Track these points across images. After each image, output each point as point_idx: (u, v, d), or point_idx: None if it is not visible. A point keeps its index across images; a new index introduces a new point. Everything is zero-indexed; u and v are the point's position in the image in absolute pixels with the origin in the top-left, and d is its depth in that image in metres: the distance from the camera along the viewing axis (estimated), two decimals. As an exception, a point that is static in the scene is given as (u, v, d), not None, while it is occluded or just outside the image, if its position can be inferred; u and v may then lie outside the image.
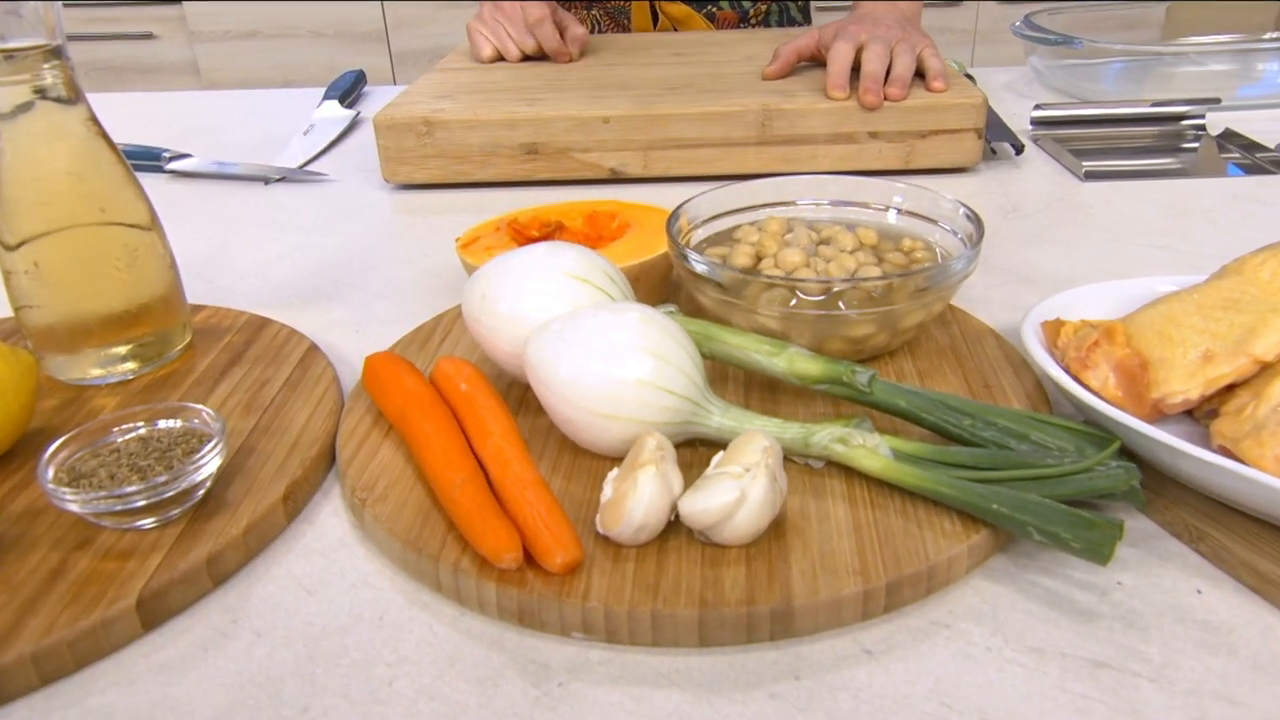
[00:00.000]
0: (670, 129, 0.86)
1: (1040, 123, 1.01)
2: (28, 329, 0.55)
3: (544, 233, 0.65)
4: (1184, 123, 0.99)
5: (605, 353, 0.45)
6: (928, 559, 0.40)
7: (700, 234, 0.61)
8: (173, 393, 0.55)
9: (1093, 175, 0.88)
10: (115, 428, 0.47)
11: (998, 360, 0.55)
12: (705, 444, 0.48)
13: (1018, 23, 1.17)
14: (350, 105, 1.16)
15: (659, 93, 0.91)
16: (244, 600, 0.42)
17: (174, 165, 0.96)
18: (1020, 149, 0.93)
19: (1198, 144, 0.96)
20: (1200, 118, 0.99)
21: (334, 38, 2.53)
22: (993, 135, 0.93)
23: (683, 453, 0.46)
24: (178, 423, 0.47)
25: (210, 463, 0.44)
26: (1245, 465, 0.40)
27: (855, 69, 0.90)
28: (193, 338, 0.60)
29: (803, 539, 0.41)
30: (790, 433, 0.45)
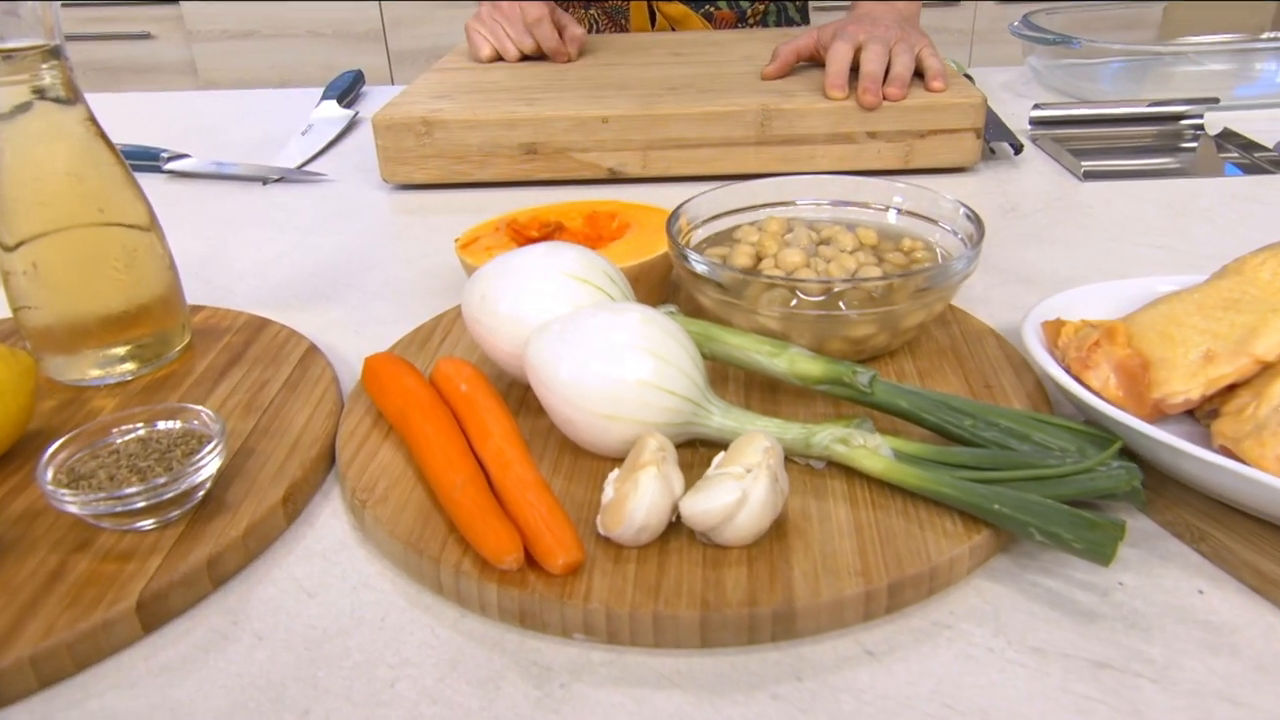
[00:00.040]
0: (669, 129, 0.86)
1: (1039, 122, 1.01)
2: (26, 330, 0.55)
3: (543, 233, 0.65)
4: (1182, 122, 0.99)
5: (606, 353, 0.45)
6: (929, 559, 0.40)
7: (700, 234, 0.61)
8: (172, 394, 0.55)
9: (1091, 175, 0.88)
10: (114, 429, 0.47)
11: (998, 360, 0.55)
12: (706, 445, 0.47)
13: (1016, 23, 1.17)
14: (348, 105, 1.15)
15: (658, 92, 0.91)
16: (244, 602, 0.42)
17: (172, 165, 0.96)
18: (1019, 149, 0.93)
19: (1196, 144, 0.96)
20: (1199, 117, 0.99)
21: (331, 37, 2.53)
22: (991, 135, 0.93)
23: (683, 453, 0.46)
24: (177, 424, 0.47)
25: (210, 464, 0.44)
26: (1246, 465, 0.40)
27: (854, 69, 0.90)
28: (192, 338, 0.60)
29: (804, 540, 0.41)
30: (791, 433, 0.45)
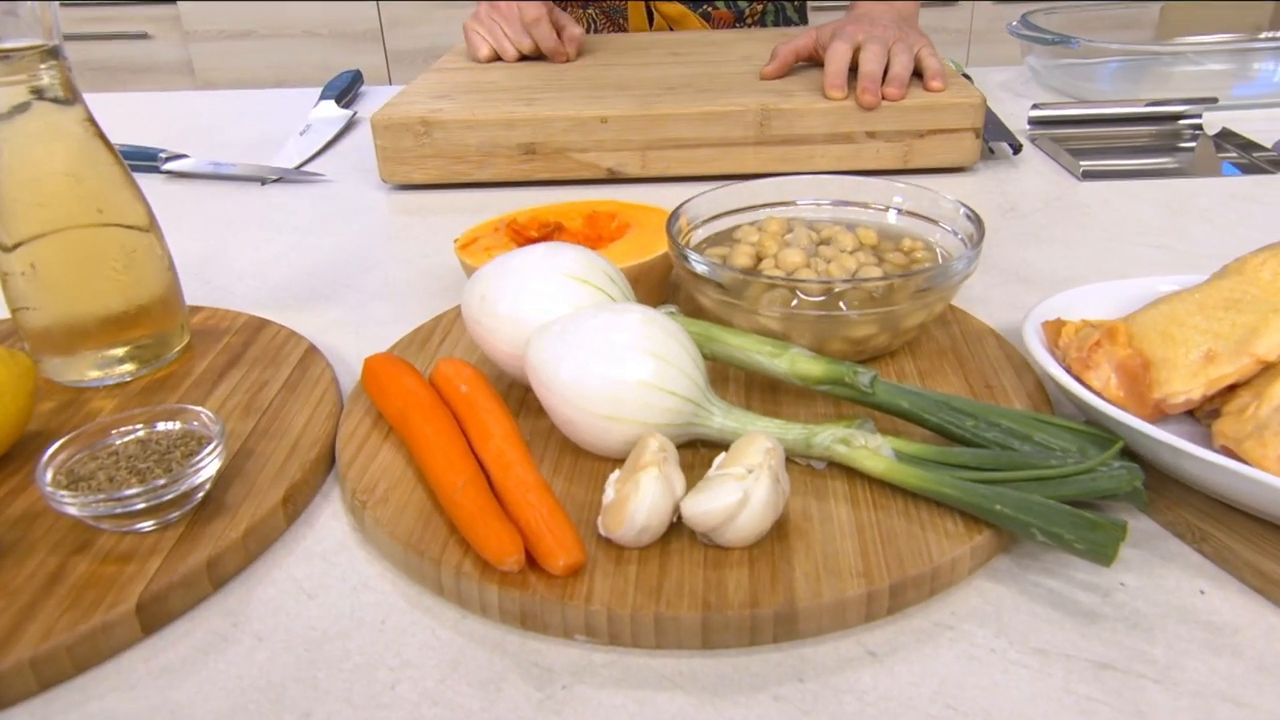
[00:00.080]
0: (668, 129, 0.86)
1: (1037, 122, 1.01)
2: (25, 331, 0.55)
3: (543, 233, 0.65)
4: (1181, 122, 0.99)
5: (606, 354, 0.45)
6: (931, 560, 0.40)
7: (700, 234, 0.61)
8: (171, 394, 0.55)
9: (1090, 175, 0.88)
10: (114, 430, 0.46)
11: (998, 360, 0.55)
12: (707, 445, 0.47)
13: (1014, 22, 1.17)
14: (347, 105, 1.15)
15: (657, 92, 0.91)
16: (244, 604, 0.42)
17: (170, 166, 0.96)
18: (1018, 148, 0.93)
19: (1195, 143, 0.96)
20: (1197, 117, 0.99)
21: (329, 37, 2.53)
22: (990, 135, 0.93)
23: (684, 454, 0.46)
24: (177, 425, 0.47)
25: (210, 465, 0.44)
26: (1248, 465, 0.40)
27: (853, 69, 0.90)
28: (191, 339, 0.60)
29: (805, 541, 0.41)
30: (792, 434, 0.45)
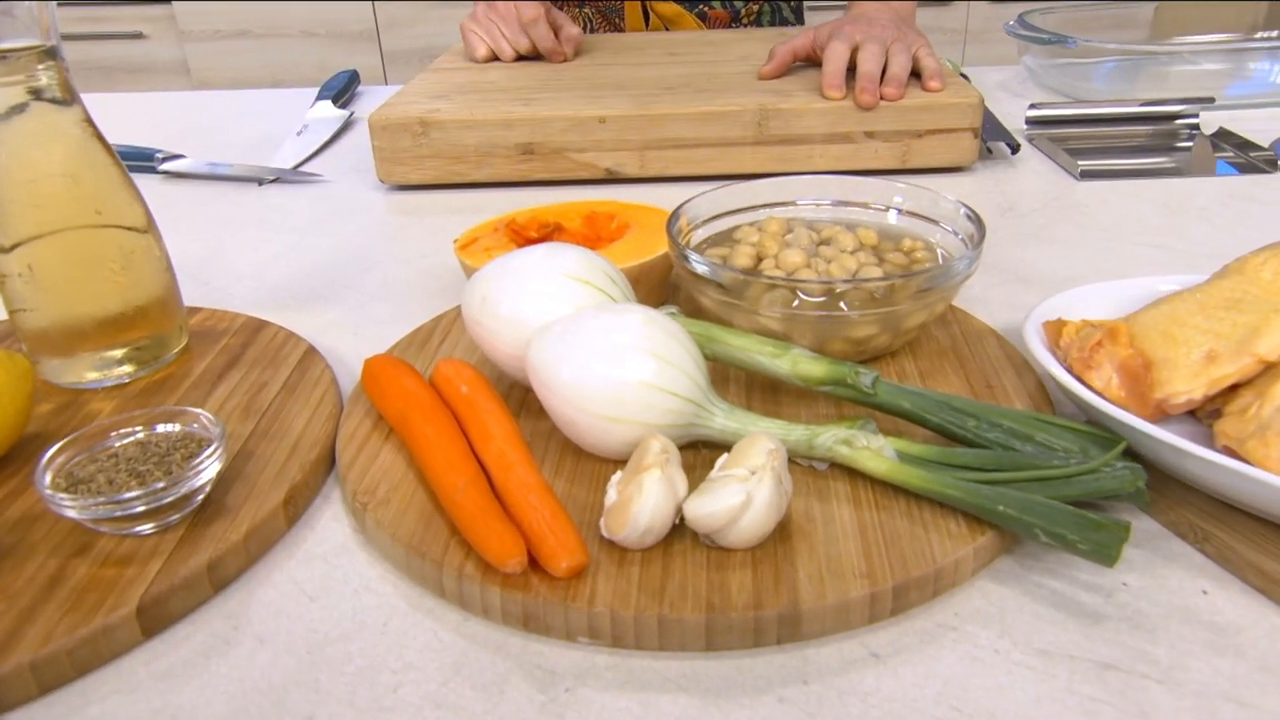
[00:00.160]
0: (667, 129, 0.86)
1: (1035, 122, 1.01)
2: (22, 333, 0.55)
3: (542, 234, 0.65)
4: (1178, 122, 0.99)
5: (608, 354, 0.44)
6: (934, 561, 0.40)
7: (700, 234, 0.61)
8: (170, 396, 0.54)
9: (1088, 174, 0.88)
10: (113, 432, 0.46)
11: (999, 360, 0.55)
12: (708, 446, 0.47)
13: (1011, 22, 1.17)
14: (344, 105, 1.15)
15: (655, 92, 0.90)
16: (245, 606, 0.42)
17: (167, 166, 0.95)
18: (1016, 148, 0.93)
19: (1192, 143, 0.96)
20: (1194, 117, 0.99)
21: (325, 37, 2.52)
22: (988, 135, 0.93)
23: (686, 455, 0.46)
24: (176, 427, 0.47)
25: (210, 467, 0.44)
26: (1250, 465, 0.40)
27: (851, 69, 0.90)
28: (189, 340, 0.60)
29: (808, 542, 0.41)
30: (794, 435, 0.45)
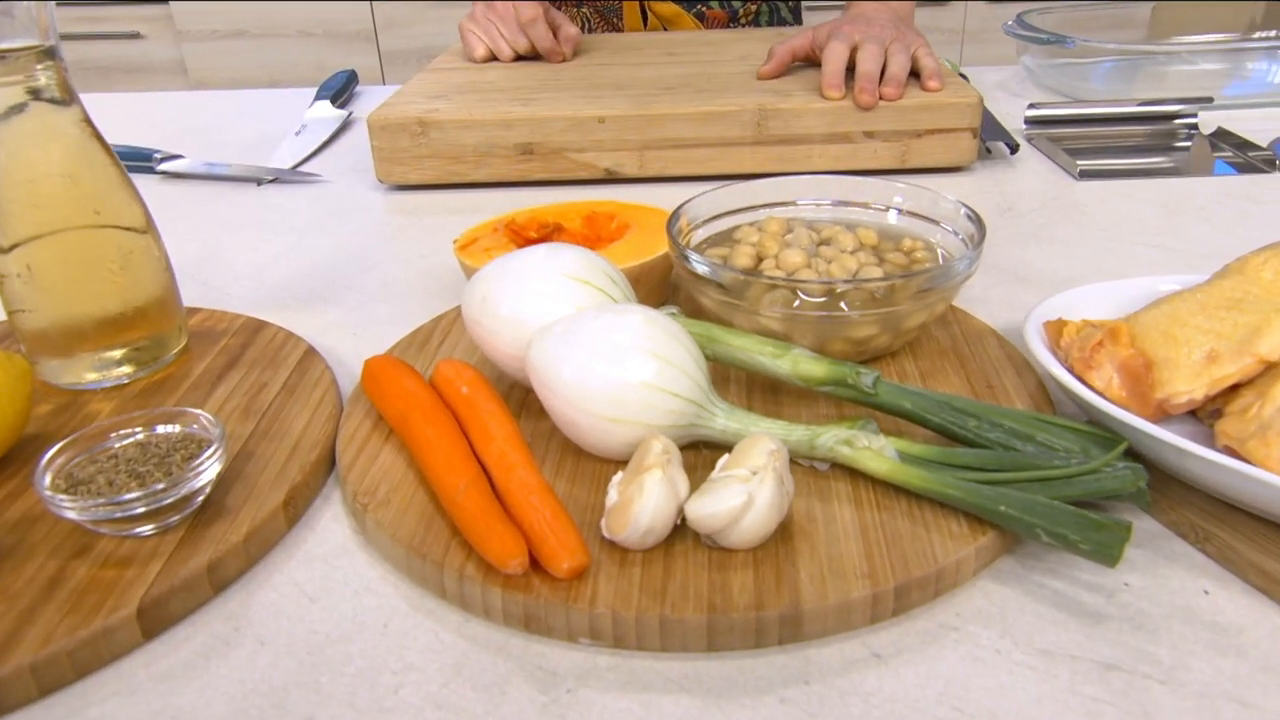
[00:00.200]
0: (666, 129, 0.86)
1: (1034, 121, 1.01)
2: (21, 333, 0.55)
3: (542, 234, 0.65)
4: (1176, 121, 0.99)
5: (609, 355, 0.44)
6: (935, 561, 0.40)
7: (700, 234, 0.61)
8: (169, 397, 0.54)
9: (1087, 174, 0.88)
10: (113, 433, 0.46)
11: (999, 360, 0.55)
12: (709, 447, 0.47)
13: (1010, 22, 1.17)
14: (342, 105, 1.15)
15: (654, 92, 0.90)
16: (245, 608, 0.41)
17: (165, 166, 0.95)
18: (1015, 148, 0.93)
19: (1190, 143, 0.96)
20: (1193, 116, 0.99)
21: (322, 37, 2.52)
22: (987, 134, 0.93)
23: (686, 455, 0.46)
24: (176, 428, 0.47)
25: (210, 468, 0.44)
26: (1251, 465, 0.40)
27: (850, 69, 0.90)
28: (188, 341, 0.60)
29: (810, 542, 0.41)
30: (795, 435, 0.45)
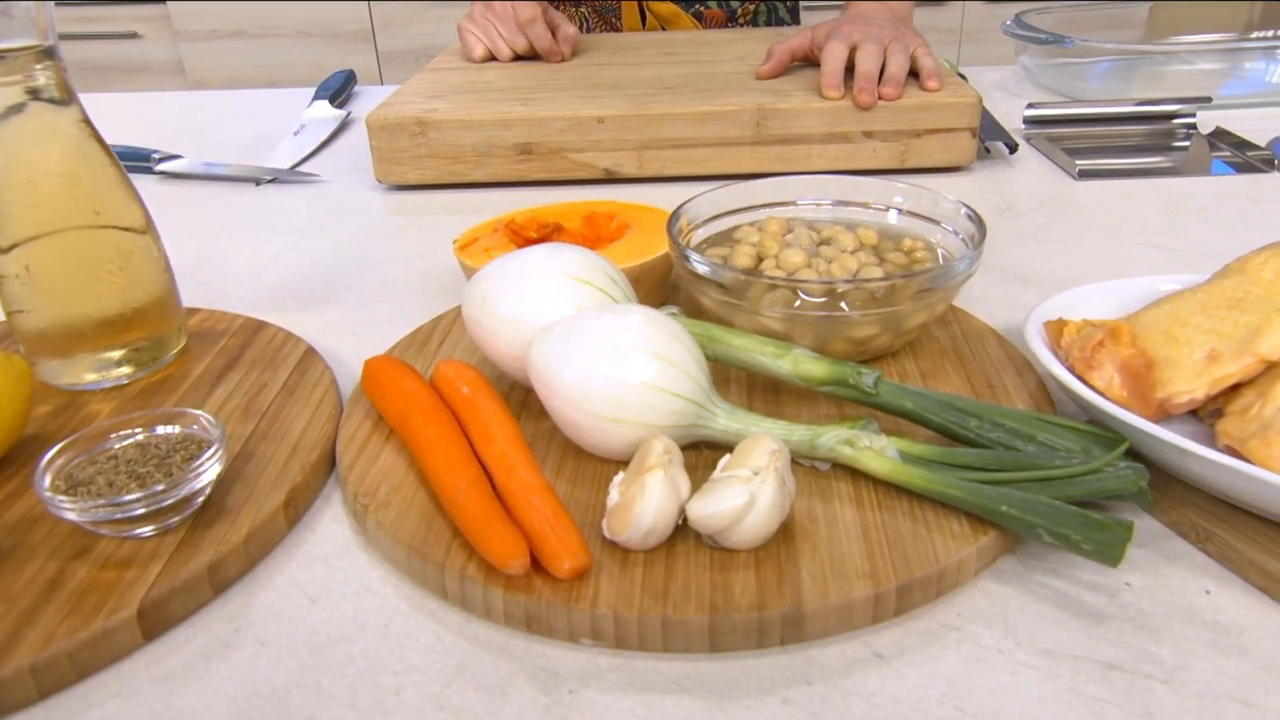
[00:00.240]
0: (665, 129, 0.86)
1: (1032, 121, 1.01)
2: (20, 334, 0.54)
3: (542, 234, 0.65)
4: (1175, 121, 0.99)
5: (609, 355, 0.44)
6: (937, 561, 0.40)
7: (700, 234, 0.61)
8: (168, 397, 0.54)
9: (1086, 174, 0.88)
10: (112, 434, 0.46)
11: (1000, 360, 0.55)
12: (710, 447, 0.47)
13: (1008, 22, 1.17)
14: (341, 105, 1.15)
15: (653, 92, 0.90)
16: (246, 609, 0.41)
17: (164, 166, 0.95)
18: (1014, 148, 0.93)
19: (1189, 143, 0.96)
20: (1191, 116, 0.99)
21: (320, 37, 2.52)
22: (986, 134, 0.93)
23: (687, 455, 0.46)
24: (176, 428, 0.47)
25: (210, 469, 0.44)
26: (1252, 465, 0.40)
27: (849, 69, 0.90)
28: (188, 341, 0.60)
29: (811, 542, 0.41)
30: (796, 435, 0.45)
